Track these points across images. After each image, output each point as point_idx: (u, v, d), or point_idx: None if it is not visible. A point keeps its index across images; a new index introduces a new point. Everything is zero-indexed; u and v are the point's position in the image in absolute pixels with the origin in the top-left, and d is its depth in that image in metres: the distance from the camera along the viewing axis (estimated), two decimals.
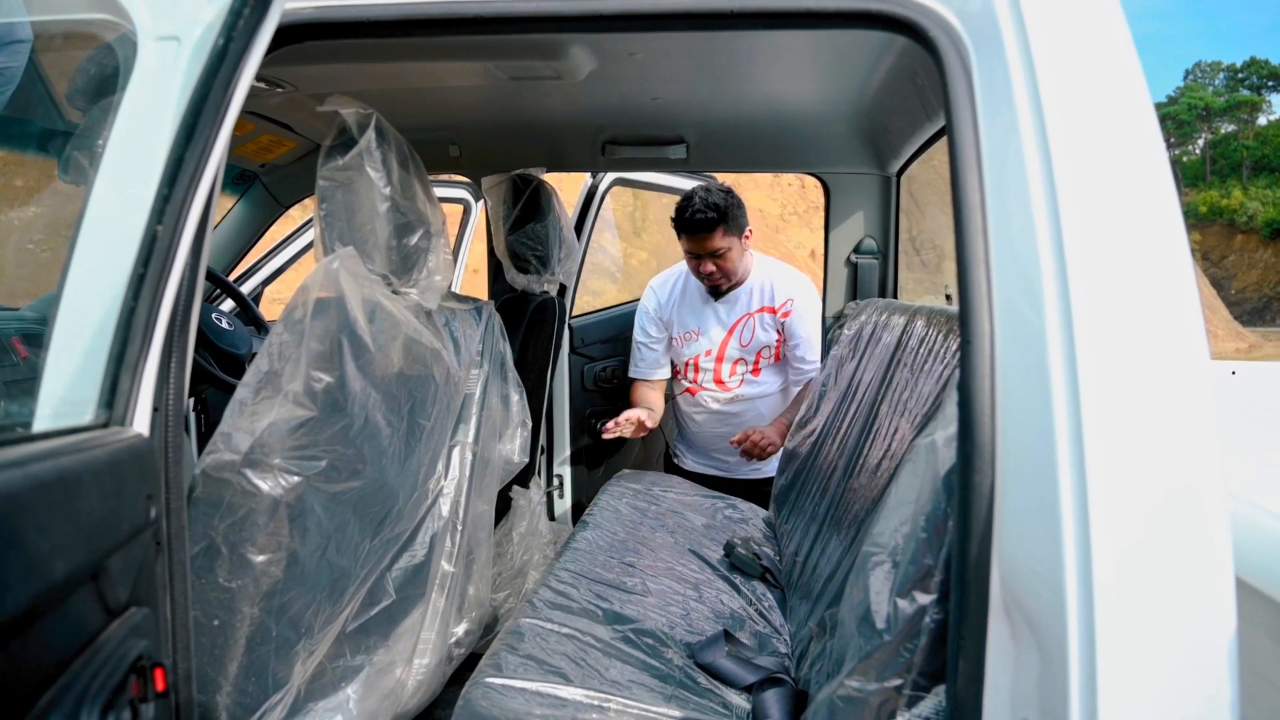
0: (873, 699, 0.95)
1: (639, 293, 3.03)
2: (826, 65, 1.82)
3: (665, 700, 1.27)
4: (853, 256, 2.50)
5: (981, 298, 0.83)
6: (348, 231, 1.37)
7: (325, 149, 1.37)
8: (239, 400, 1.18)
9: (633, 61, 1.75)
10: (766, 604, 1.76)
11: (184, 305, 0.85)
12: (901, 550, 0.98)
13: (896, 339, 1.66)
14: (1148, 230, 0.78)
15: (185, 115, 0.81)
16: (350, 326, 1.27)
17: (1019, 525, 0.77)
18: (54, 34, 1.26)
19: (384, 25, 1.05)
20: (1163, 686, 0.70)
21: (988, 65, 0.87)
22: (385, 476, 1.39)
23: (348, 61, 1.70)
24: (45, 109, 1.56)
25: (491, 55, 1.67)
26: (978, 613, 0.80)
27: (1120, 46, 0.82)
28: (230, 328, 2.13)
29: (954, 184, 0.87)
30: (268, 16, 0.82)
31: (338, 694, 1.37)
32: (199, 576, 1.14)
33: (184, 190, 0.79)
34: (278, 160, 2.53)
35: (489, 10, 1.03)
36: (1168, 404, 0.74)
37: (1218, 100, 58.14)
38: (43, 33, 1.28)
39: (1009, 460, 0.79)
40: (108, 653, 0.64)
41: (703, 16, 1.00)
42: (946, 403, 1.08)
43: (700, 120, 2.27)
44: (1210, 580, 0.71)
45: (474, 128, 2.39)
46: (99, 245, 0.84)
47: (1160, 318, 0.75)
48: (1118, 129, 0.81)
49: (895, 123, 2.08)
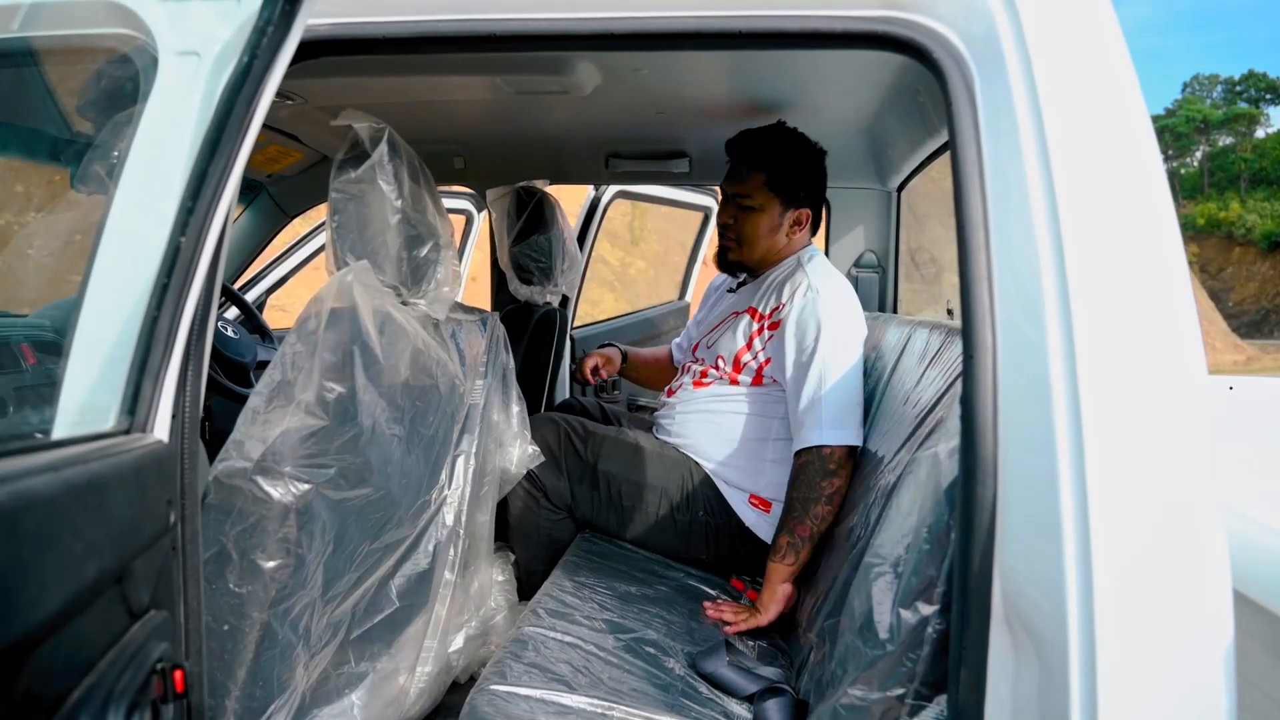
0: (875, 708, 0.96)
1: (638, 302, 3.04)
2: (829, 82, 1.85)
3: (667, 709, 1.29)
4: (853, 270, 2.52)
5: (984, 312, 0.85)
6: (359, 243, 1.39)
7: (338, 162, 1.40)
8: (251, 408, 1.20)
9: (638, 77, 1.77)
10: None
11: (201, 315, 0.86)
12: (904, 561, 0.99)
13: (899, 353, 1.68)
14: (1147, 248, 0.80)
15: (209, 130, 0.83)
16: (362, 338, 1.29)
17: (1020, 537, 0.79)
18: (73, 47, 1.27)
19: (399, 42, 1.07)
20: (1162, 697, 0.72)
21: (990, 86, 0.89)
22: (391, 485, 1.41)
23: (358, 75, 1.73)
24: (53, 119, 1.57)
25: (499, 70, 1.69)
26: (979, 623, 0.82)
27: (1119, 67, 0.84)
28: (236, 336, 2.15)
29: (957, 201, 0.89)
30: (291, 34, 0.83)
31: (342, 700, 1.38)
32: (210, 582, 1.15)
33: (206, 204, 0.81)
34: (284, 171, 2.55)
35: (501, 29, 1.05)
36: (1166, 419, 0.75)
37: (1216, 113, 58.46)
38: (61, 46, 1.30)
39: (1010, 473, 0.81)
40: (131, 653, 0.66)
41: (712, 37, 1.02)
42: (949, 416, 1.10)
43: (703, 134, 2.30)
44: (1208, 593, 0.72)
45: (479, 140, 2.41)
46: (121, 255, 0.85)
47: (1159, 334, 0.77)
48: (1117, 148, 0.83)
49: (896, 139, 2.11)
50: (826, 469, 1.69)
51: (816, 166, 1.96)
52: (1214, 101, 60.87)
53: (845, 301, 1.84)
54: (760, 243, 1.96)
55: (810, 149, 1.95)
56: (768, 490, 1.90)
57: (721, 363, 1.95)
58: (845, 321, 1.80)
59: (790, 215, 1.95)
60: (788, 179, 1.92)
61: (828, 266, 1.96)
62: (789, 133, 1.93)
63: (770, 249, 1.98)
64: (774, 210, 1.93)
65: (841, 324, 1.79)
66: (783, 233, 1.96)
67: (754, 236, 1.96)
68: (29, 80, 1.44)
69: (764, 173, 1.91)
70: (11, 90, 1.48)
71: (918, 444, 1.24)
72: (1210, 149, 57.73)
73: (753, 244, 1.97)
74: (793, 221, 1.96)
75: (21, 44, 1.31)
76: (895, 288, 2.53)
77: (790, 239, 1.98)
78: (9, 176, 2.49)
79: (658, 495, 1.94)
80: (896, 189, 2.48)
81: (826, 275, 1.90)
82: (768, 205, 1.93)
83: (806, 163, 1.94)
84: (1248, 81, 60.43)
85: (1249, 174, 54.02)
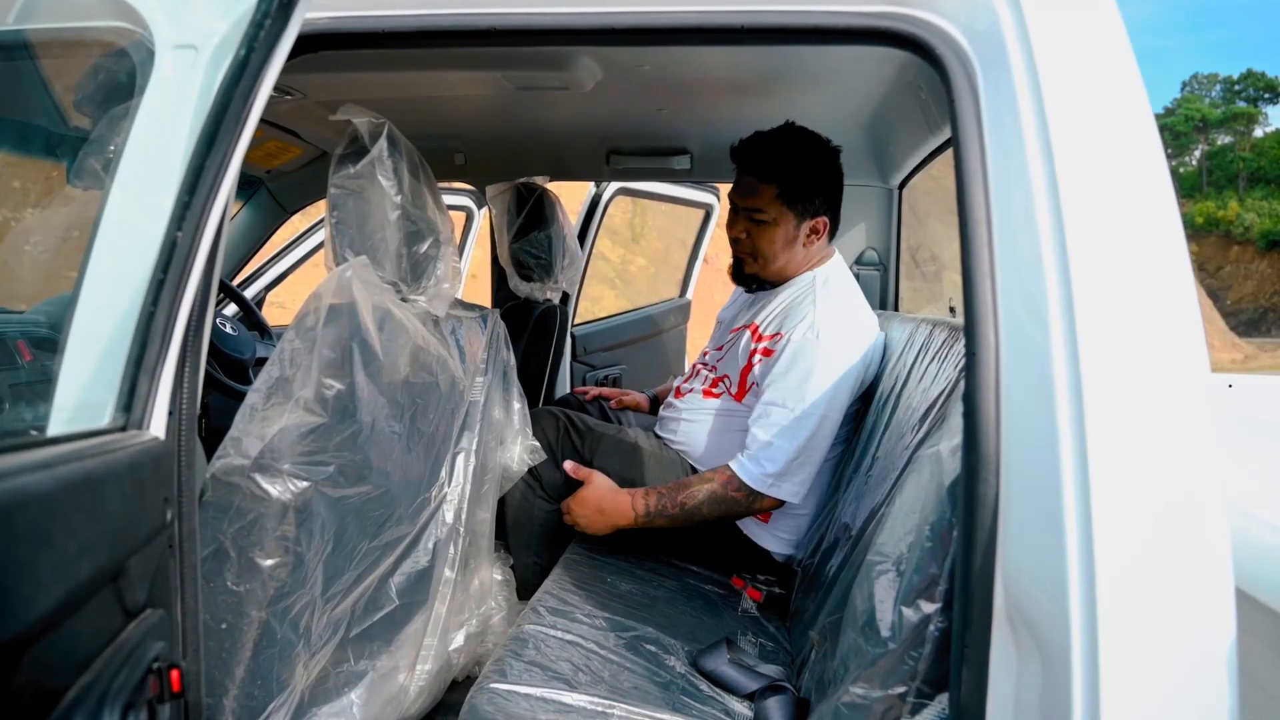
0: (877, 706, 0.96)
1: (638, 299, 3.04)
2: (831, 78, 1.84)
3: (668, 707, 1.28)
4: (854, 268, 2.51)
5: (987, 310, 0.84)
6: (359, 239, 1.38)
7: (337, 157, 1.39)
8: (250, 405, 1.19)
9: (640, 73, 1.77)
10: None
11: (198, 310, 0.86)
12: (906, 559, 0.99)
13: (900, 350, 1.67)
14: (1150, 245, 0.79)
15: (206, 124, 0.82)
16: (361, 334, 1.28)
17: (1023, 536, 0.79)
18: (69, 40, 1.27)
19: (399, 36, 1.06)
20: (1164, 696, 0.71)
21: (994, 83, 0.89)
22: (391, 482, 1.40)
23: (358, 70, 1.72)
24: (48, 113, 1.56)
25: (500, 66, 1.68)
26: (981, 622, 0.81)
27: (1123, 65, 0.84)
28: (234, 333, 2.15)
29: (960, 198, 0.88)
30: (289, 27, 0.83)
31: (341, 699, 1.38)
32: (208, 580, 1.15)
33: (204, 198, 0.80)
34: (283, 166, 2.55)
35: (502, 23, 1.04)
36: (1170, 416, 0.75)
37: (1215, 112, 58.43)
38: (57, 39, 1.29)
39: (1013, 471, 0.80)
40: (127, 653, 0.65)
41: (714, 32, 1.01)
42: (951, 414, 1.10)
43: (705, 131, 2.29)
44: (1211, 591, 0.72)
45: (479, 136, 2.41)
46: (116, 250, 0.85)
47: (1162, 331, 0.77)
48: (1121, 145, 0.82)
49: (898, 136, 2.10)
50: (747, 506, 1.76)
51: (831, 169, 1.86)
52: (1213, 100, 60.83)
53: (843, 351, 1.75)
54: (778, 257, 1.87)
55: (823, 151, 1.85)
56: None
57: (728, 380, 1.93)
58: (836, 370, 1.72)
59: (807, 225, 1.85)
60: (802, 189, 1.82)
61: (841, 295, 1.86)
62: (799, 136, 1.84)
63: (789, 261, 1.89)
64: (789, 223, 1.84)
65: (830, 374, 1.72)
66: (799, 244, 1.87)
67: (770, 251, 1.87)
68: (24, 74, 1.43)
69: (776, 185, 1.81)
70: (7, 84, 1.47)
71: (920, 441, 1.24)
72: (1209, 148, 57.73)
73: (769, 258, 1.88)
74: (810, 231, 1.86)
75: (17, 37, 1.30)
76: (896, 285, 2.53)
77: (808, 249, 1.89)
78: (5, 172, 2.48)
79: None
80: (898, 186, 2.47)
81: (834, 312, 1.79)
82: (782, 219, 1.83)
83: (821, 168, 1.84)
84: (1246, 81, 60.40)
85: (1247, 173, 54.02)
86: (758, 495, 1.74)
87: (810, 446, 1.72)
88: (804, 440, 1.71)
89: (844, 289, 1.89)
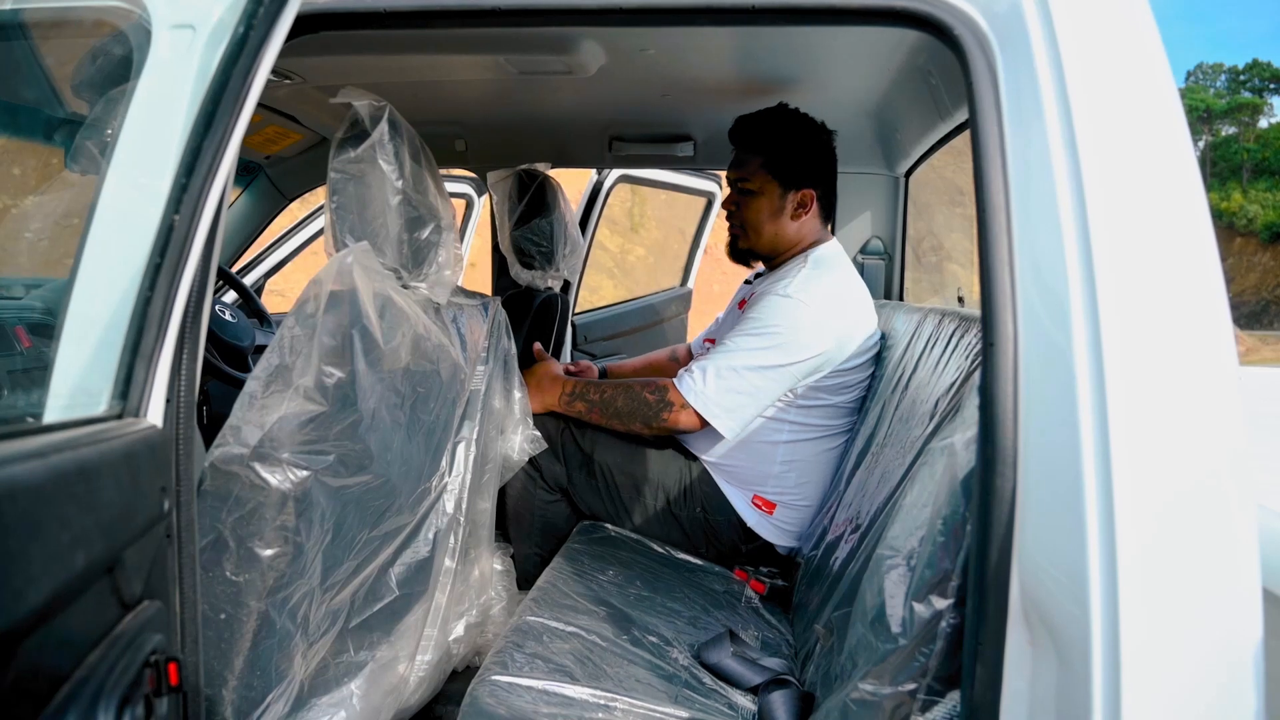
0: (886, 703, 0.94)
1: (636, 289, 3.02)
2: (839, 63, 1.82)
3: (671, 700, 1.27)
4: (859, 257, 2.49)
5: (1005, 300, 0.82)
6: (359, 224, 1.36)
7: (337, 141, 1.36)
8: (249, 393, 1.17)
9: (644, 57, 1.74)
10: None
11: (196, 296, 0.84)
12: (918, 554, 0.97)
13: (908, 341, 1.65)
14: (1175, 230, 0.77)
15: (203, 105, 0.80)
16: (362, 321, 1.26)
17: (1041, 530, 0.77)
18: (65, 20, 1.24)
19: (400, 16, 1.04)
20: (1188, 694, 0.70)
21: (1014, 65, 0.86)
22: (391, 472, 1.39)
23: (358, 54, 1.69)
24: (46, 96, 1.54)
25: (502, 49, 1.66)
26: (996, 619, 0.80)
27: (1148, 46, 0.82)
28: (234, 320, 2.13)
29: (977, 185, 0.86)
30: (288, 6, 0.81)
31: (341, 689, 1.36)
32: (206, 570, 1.13)
33: (201, 181, 0.78)
34: (283, 152, 2.52)
35: (505, 3, 1.02)
36: (1195, 405, 0.73)
37: (1219, 102, 58.15)
38: (53, 19, 1.27)
39: (1031, 463, 0.78)
40: (123, 646, 0.64)
41: (724, 12, 0.99)
42: (965, 405, 1.08)
43: (709, 118, 2.26)
44: (1238, 588, 0.70)
45: (481, 122, 2.38)
46: (113, 235, 0.83)
47: (1188, 320, 0.75)
48: (1146, 129, 0.80)
49: (906, 123, 2.07)
50: (655, 411, 1.79)
51: (818, 145, 1.90)
52: (1217, 91, 60.56)
53: (813, 315, 1.75)
54: (764, 227, 1.92)
55: (810, 127, 1.89)
56: (773, 493, 1.88)
57: None
58: (797, 329, 1.74)
59: (792, 197, 1.89)
60: (785, 159, 1.87)
61: (831, 274, 1.85)
62: (787, 113, 1.89)
63: (778, 235, 1.92)
64: (773, 193, 1.89)
65: (790, 331, 1.73)
66: (786, 216, 1.90)
67: (756, 221, 1.92)
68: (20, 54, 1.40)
69: (760, 155, 1.88)
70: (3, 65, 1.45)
71: (932, 433, 1.22)
72: (1213, 139, 57.47)
73: (757, 229, 1.93)
74: (796, 204, 1.89)
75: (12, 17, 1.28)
76: (902, 275, 2.51)
77: (800, 225, 1.91)
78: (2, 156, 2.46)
79: (655, 489, 1.92)
80: (904, 174, 2.45)
81: (814, 283, 1.80)
82: (767, 188, 1.89)
83: (805, 142, 1.89)
84: (1251, 71, 60.12)
85: (1251, 164, 53.81)
86: (668, 404, 1.78)
87: (750, 387, 1.74)
88: (740, 371, 1.73)
89: (837, 270, 1.89)
